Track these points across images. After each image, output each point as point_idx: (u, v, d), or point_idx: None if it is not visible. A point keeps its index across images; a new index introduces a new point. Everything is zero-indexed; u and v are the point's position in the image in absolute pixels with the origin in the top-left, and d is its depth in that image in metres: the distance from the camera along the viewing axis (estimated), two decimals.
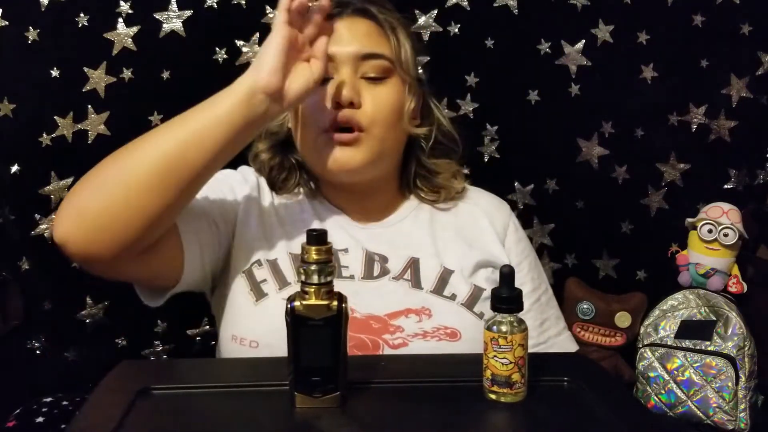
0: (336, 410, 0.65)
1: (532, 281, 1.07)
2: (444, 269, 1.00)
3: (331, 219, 1.05)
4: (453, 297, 0.97)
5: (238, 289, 0.97)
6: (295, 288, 0.68)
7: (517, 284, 0.98)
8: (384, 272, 0.99)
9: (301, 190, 1.08)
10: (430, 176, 1.10)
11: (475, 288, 0.99)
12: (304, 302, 0.64)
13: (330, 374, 0.64)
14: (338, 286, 0.67)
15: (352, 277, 0.98)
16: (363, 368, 0.71)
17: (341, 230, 1.02)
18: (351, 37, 1.00)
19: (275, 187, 1.07)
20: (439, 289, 0.98)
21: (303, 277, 0.64)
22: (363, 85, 0.99)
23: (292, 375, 0.64)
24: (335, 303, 0.64)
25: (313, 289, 0.64)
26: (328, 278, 0.64)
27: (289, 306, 0.64)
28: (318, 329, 0.64)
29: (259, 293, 0.95)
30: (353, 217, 1.06)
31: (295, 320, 0.63)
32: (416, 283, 0.98)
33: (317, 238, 0.64)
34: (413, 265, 1.00)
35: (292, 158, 1.08)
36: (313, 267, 0.64)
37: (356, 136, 0.97)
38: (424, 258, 1.01)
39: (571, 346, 1.10)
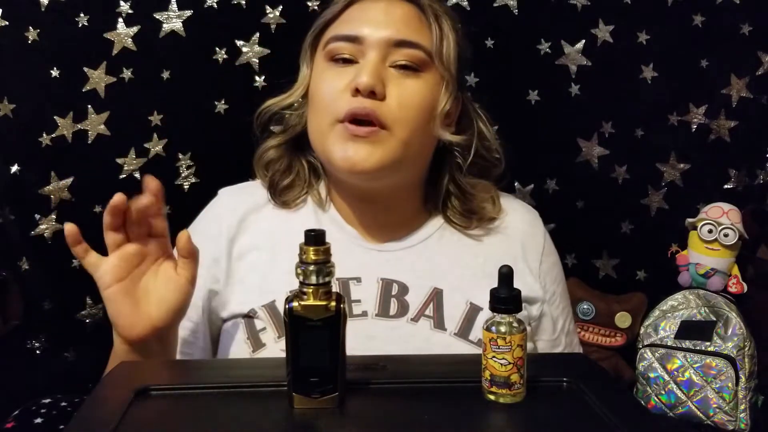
0: (334, 411, 0.64)
1: (562, 312, 0.99)
2: (471, 306, 0.89)
3: (341, 240, 0.92)
4: (480, 343, 0.84)
5: (236, 333, 0.89)
6: None
7: (551, 318, 0.97)
8: (403, 310, 0.88)
9: (309, 200, 0.96)
10: (464, 197, 0.96)
11: None
12: (302, 303, 0.63)
13: (328, 375, 0.64)
14: (349, 325, 0.65)
15: (364, 314, 0.87)
16: (361, 369, 0.71)
17: (353, 254, 0.90)
18: (386, 19, 0.88)
19: (276, 194, 0.96)
20: (464, 332, 0.88)
21: (301, 278, 0.64)
22: (391, 75, 0.87)
23: (291, 376, 0.64)
24: (333, 303, 0.64)
25: (311, 290, 0.64)
26: (327, 279, 0.64)
27: (287, 306, 0.63)
28: (316, 330, 0.63)
29: (257, 343, 0.87)
30: (368, 236, 0.94)
31: (293, 321, 0.63)
32: (439, 323, 0.88)
33: (315, 238, 0.64)
34: (436, 297, 0.89)
35: (304, 160, 0.97)
36: (312, 267, 0.63)
37: (374, 130, 0.85)
38: (449, 291, 0.90)
39: None
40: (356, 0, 0.92)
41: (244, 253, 0.93)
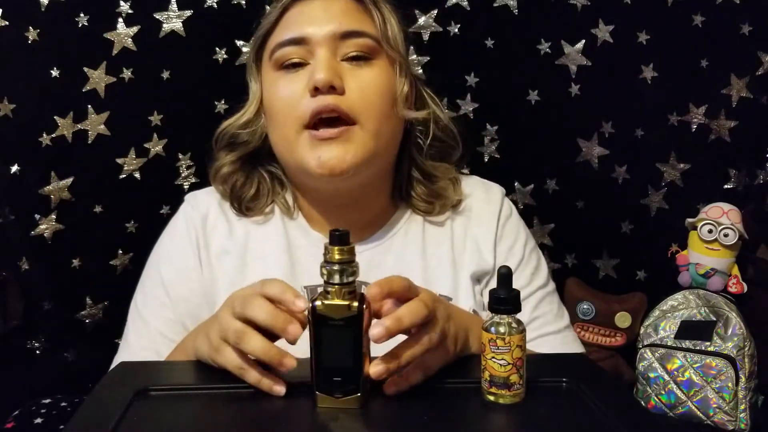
0: (331, 410, 0.65)
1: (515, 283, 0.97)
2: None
3: (306, 246, 0.93)
4: None
5: None
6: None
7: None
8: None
9: (276, 208, 0.96)
10: (426, 182, 0.97)
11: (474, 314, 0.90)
12: (326, 302, 0.64)
13: (351, 375, 0.65)
14: None
15: None
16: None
17: (320, 259, 0.84)
18: (326, 15, 0.87)
19: (242, 207, 0.95)
20: None
21: (325, 277, 0.64)
22: (345, 69, 0.87)
23: (313, 375, 0.65)
24: (356, 303, 0.64)
25: (334, 289, 0.64)
26: (350, 278, 0.64)
27: (311, 305, 0.64)
28: (338, 329, 0.64)
29: None
30: None
31: (316, 320, 0.64)
32: None
33: (340, 238, 0.65)
34: None
35: (264, 171, 0.96)
36: (336, 267, 0.64)
37: (344, 129, 0.84)
38: (417, 284, 0.88)
39: (571, 347, 0.97)
40: (291, 5, 0.90)
41: (218, 255, 0.93)
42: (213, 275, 0.92)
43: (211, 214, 0.96)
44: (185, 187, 1.32)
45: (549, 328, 0.95)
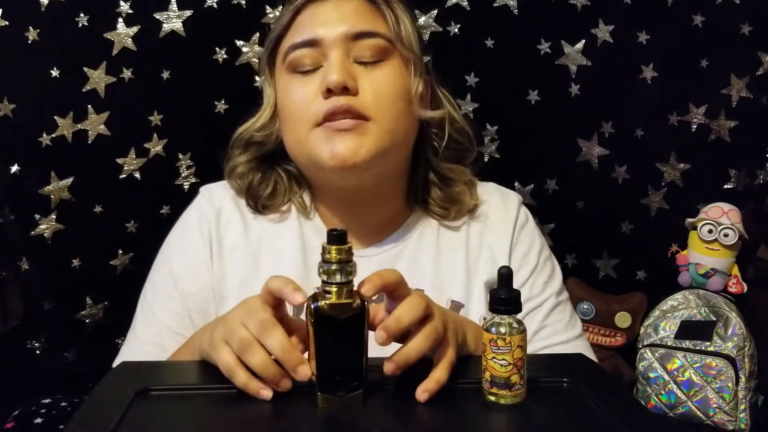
0: (329, 411, 0.65)
1: (528, 291, 0.95)
2: (452, 304, 0.89)
3: (320, 248, 0.94)
4: None
5: None
6: None
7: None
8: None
9: (291, 207, 0.95)
10: (443, 185, 0.96)
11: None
12: (326, 301, 0.64)
13: (352, 374, 0.65)
14: None
15: None
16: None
17: None
18: (338, 16, 0.87)
19: (258, 204, 0.94)
20: None
21: (325, 277, 0.64)
22: (358, 70, 0.86)
23: (316, 375, 0.65)
24: (358, 302, 0.64)
25: (335, 289, 0.64)
26: (350, 277, 0.64)
27: (312, 306, 0.64)
28: (340, 329, 0.64)
29: None
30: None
31: (318, 320, 0.64)
32: None
33: (338, 237, 0.65)
34: None
35: (281, 170, 0.96)
36: (335, 266, 0.64)
37: (359, 123, 0.84)
38: (430, 290, 0.87)
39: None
40: (304, 7, 0.90)
41: (230, 250, 0.93)
42: (223, 271, 0.92)
43: (226, 208, 0.95)
44: (185, 187, 1.32)
45: (559, 337, 0.94)
